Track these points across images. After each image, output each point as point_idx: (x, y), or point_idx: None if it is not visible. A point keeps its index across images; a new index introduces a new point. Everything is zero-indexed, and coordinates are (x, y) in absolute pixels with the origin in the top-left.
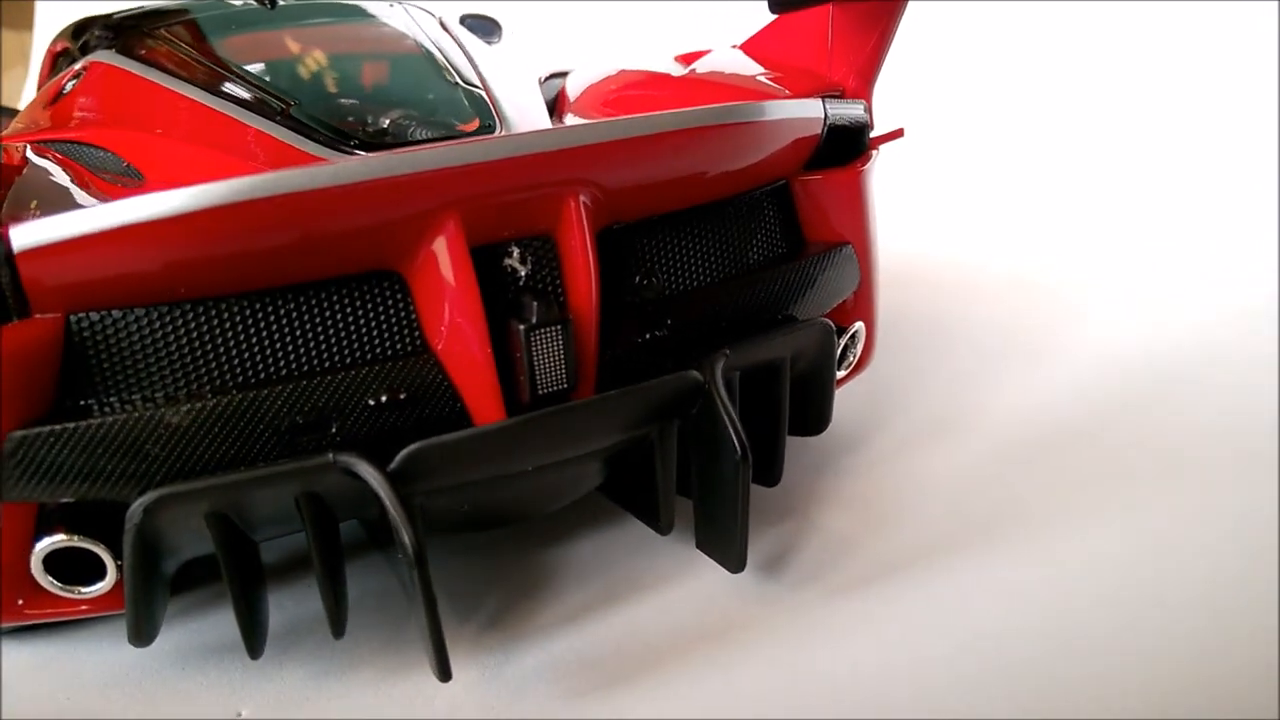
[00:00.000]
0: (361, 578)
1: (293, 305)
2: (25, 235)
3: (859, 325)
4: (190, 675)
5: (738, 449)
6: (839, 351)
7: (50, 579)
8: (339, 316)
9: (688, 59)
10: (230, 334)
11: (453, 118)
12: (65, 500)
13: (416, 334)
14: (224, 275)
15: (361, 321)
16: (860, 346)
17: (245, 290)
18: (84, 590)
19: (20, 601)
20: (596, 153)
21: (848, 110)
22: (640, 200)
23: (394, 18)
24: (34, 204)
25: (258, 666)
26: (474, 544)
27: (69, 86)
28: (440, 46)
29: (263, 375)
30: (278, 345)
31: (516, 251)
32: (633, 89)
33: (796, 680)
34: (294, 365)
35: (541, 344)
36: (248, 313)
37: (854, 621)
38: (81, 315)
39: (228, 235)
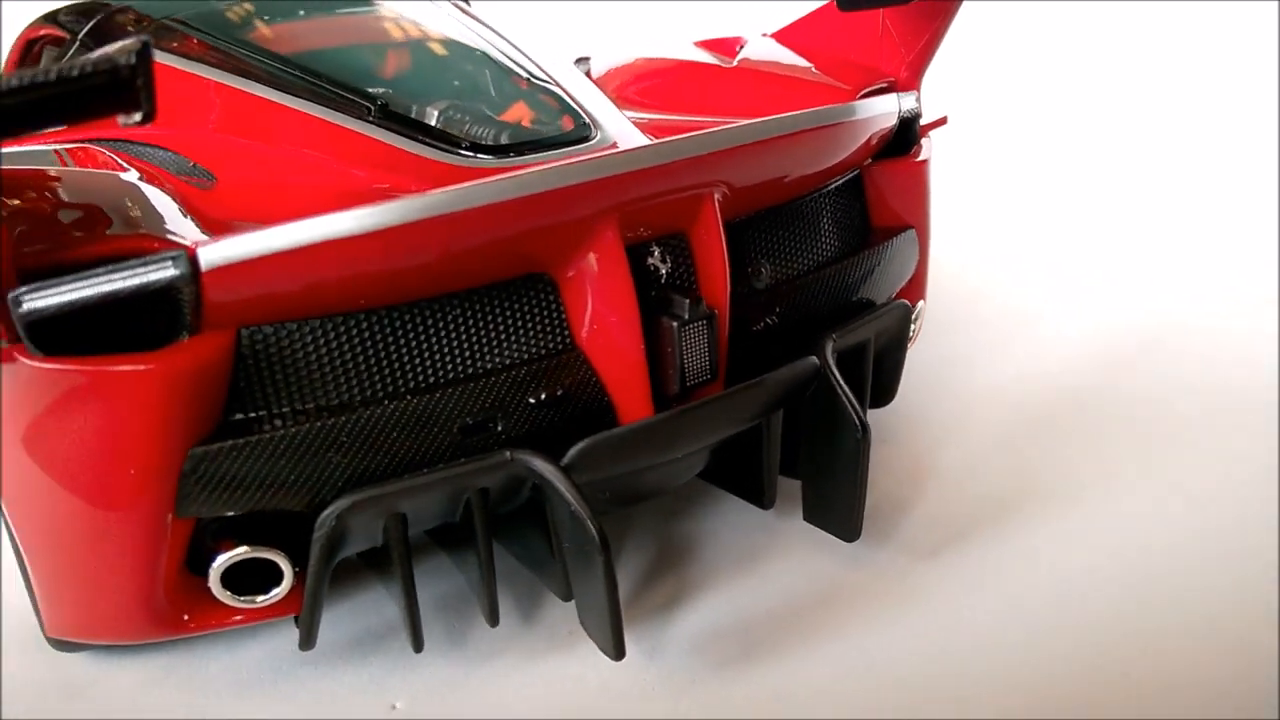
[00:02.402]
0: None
1: (457, 311)
2: (213, 253)
3: (921, 304)
4: (327, 673)
5: (859, 425)
6: None
7: (226, 591)
8: (498, 319)
9: (714, 48)
10: (400, 341)
11: (545, 117)
12: (233, 513)
13: (566, 333)
14: (396, 286)
15: (519, 323)
16: (920, 324)
17: (412, 299)
18: (260, 599)
19: (186, 617)
20: (734, 154)
21: (910, 103)
22: (755, 196)
23: (420, 8)
24: (130, 205)
25: (402, 658)
26: None
27: None
28: (487, 38)
29: (433, 379)
30: (445, 350)
31: (658, 251)
32: (689, 80)
33: (921, 639)
34: (461, 368)
35: (690, 338)
36: (415, 320)
37: (949, 582)
38: (254, 329)
39: (409, 249)
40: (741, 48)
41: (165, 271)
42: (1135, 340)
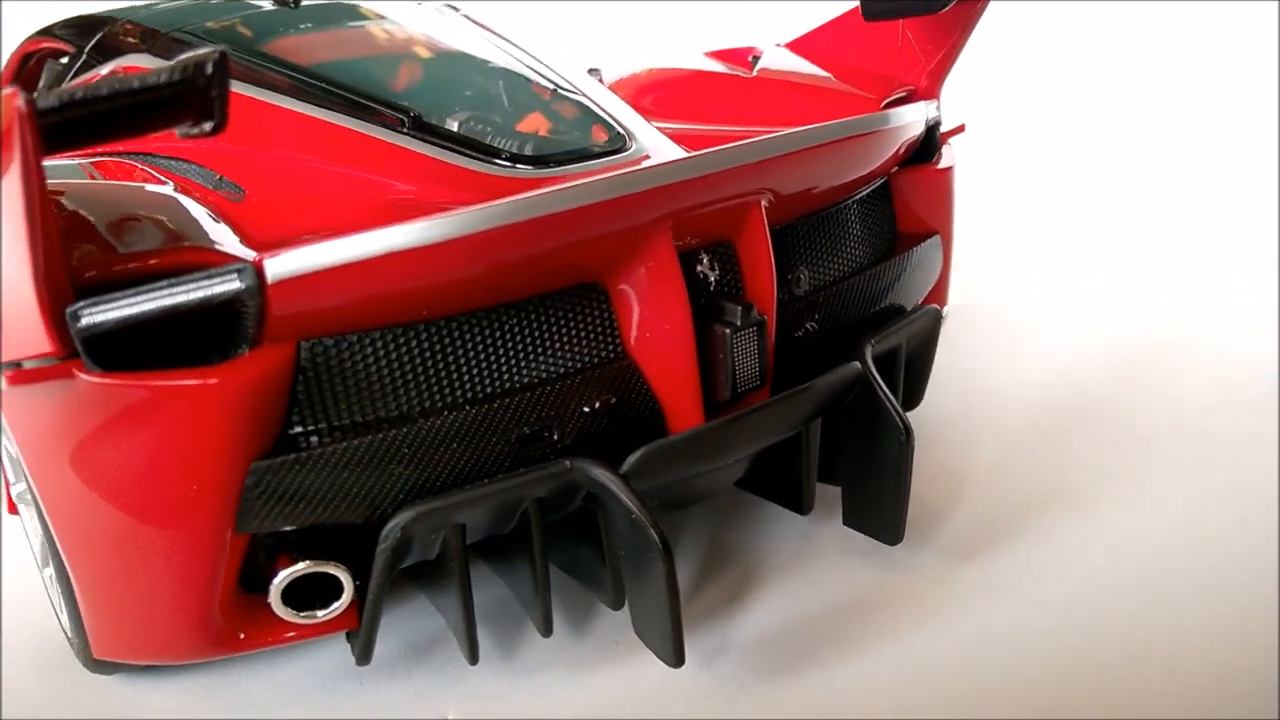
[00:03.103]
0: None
1: (512, 320)
2: (280, 265)
3: (947, 309)
4: (373, 687)
5: (902, 429)
6: None
7: (286, 607)
8: (552, 328)
9: (726, 58)
10: (457, 351)
11: (578, 128)
12: (291, 528)
13: (618, 341)
14: (454, 296)
15: (573, 332)
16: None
17: (470, 309)
18: (321, 614)
19: (242, 635)
20: (782, 162)
21: (933, 111)
22: (796, 203)
23: (433, 17)
24: (174, 218)
25: (447, 670)
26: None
27: None
28: (505, 48)
29: (490, 389)
30: (501, 359)
31: (706, 258)
32: (711, 90)
33: (963, 641)
34: (517, 378)
35: (742, 345)
36: (472, 330)
37: (987, 584)
38: (314, 341)
39: (471, 260)
40: (756, 58)
41: (230, 284)
42: (1144, 344)
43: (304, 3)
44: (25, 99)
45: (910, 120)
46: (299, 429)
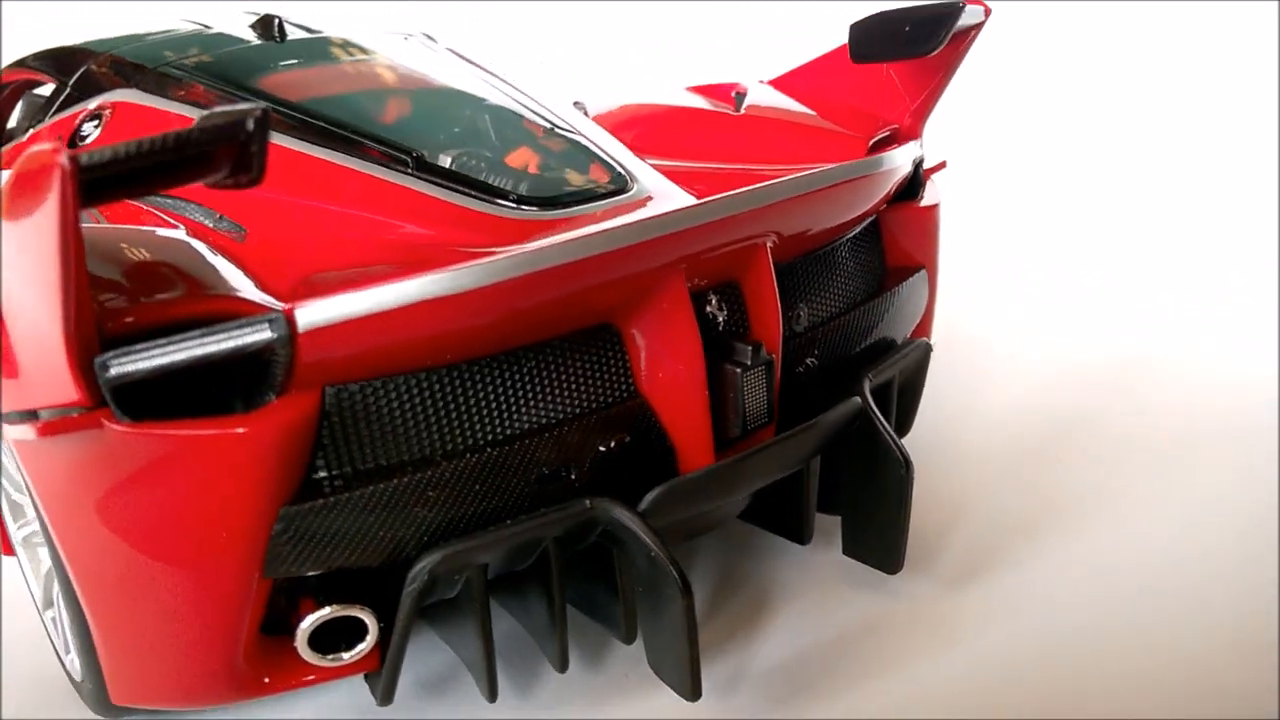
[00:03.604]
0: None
1: (531, 363)
2: (311, 315)
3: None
4: None
5: (902, 461)
6: None
7: (312, 651)
8: (569, 370)
9: (709, 93)
10: (478, 394)
11: (579, 168)
12: (316, 572)
13: (629, 380)
14: (477, 341)
15: (587, 373)
16: None
17: (490, 352)
18: (347, 656)
19: (267, 679)
20: (790, 205)
21: (918, 151)
22: (796, 243)
23: (421, 53)
24: (191, 263)
25: (461, 706)
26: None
27: (89, 130)
28: (497, 85)
29: (510, 431)
30: (521, 401)
31: (714, 299)
32: (699, 127)
33: (969, 666)
34: (536, 419)
35: (752, 383)
36: (492, 373)
37: (985, 607)
38: (339, 387)
39: (497, 305)
40: (740, 94)
41: (262, 334)
42: (1125, 363)
43: (290, 38)
44: (69, 156)
45: (903, 161)
46: (323, 474)
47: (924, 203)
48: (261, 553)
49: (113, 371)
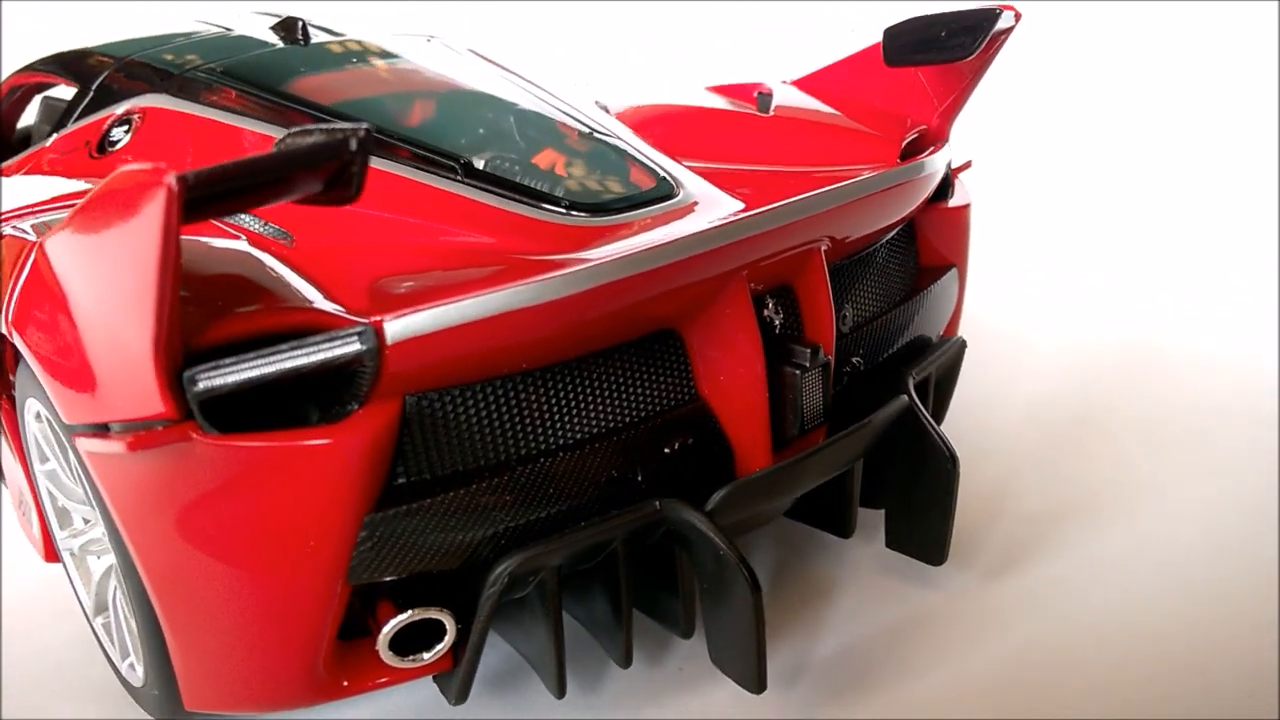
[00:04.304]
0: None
1: (600, 368)
2: (399, 327)
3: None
4: None
5: (948, 456)
6: None
7: (392, 653)
8: (636, 375)
9: (731, 93)
10: (550, 400)
11: (622, 173)
12: (396, 577)
13: (691, 384)
14: (551, 349)
15: (653, 377)
16: None
17: (561, 359)
18: (426, 656)
19: (346, 683)
20: (845, 209)
21: (950, 153)
22: (844, 247)
23: (447, 55)
24: (260, 273)
25: (523, 704)
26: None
27: (119, 135)
28: (527, 88)
29: (581, 435)
30: (591, 406)
31: (771, 303)
32: (730, 129)
33: (1011, 655)
34: (605, 423)
35: (809, 385)
36: (564, 379)
37: (1021, 596)
38: (419, 396)
39: (575, 314)
40: (763, 95)
41: (351, 346)
42: (1143, 355)
43: (314, 41)
44: (176, 177)
45: (943, 164)
46: (404, 480)
47: (955, 203)
48: (347, 560)
49: (201, 385)
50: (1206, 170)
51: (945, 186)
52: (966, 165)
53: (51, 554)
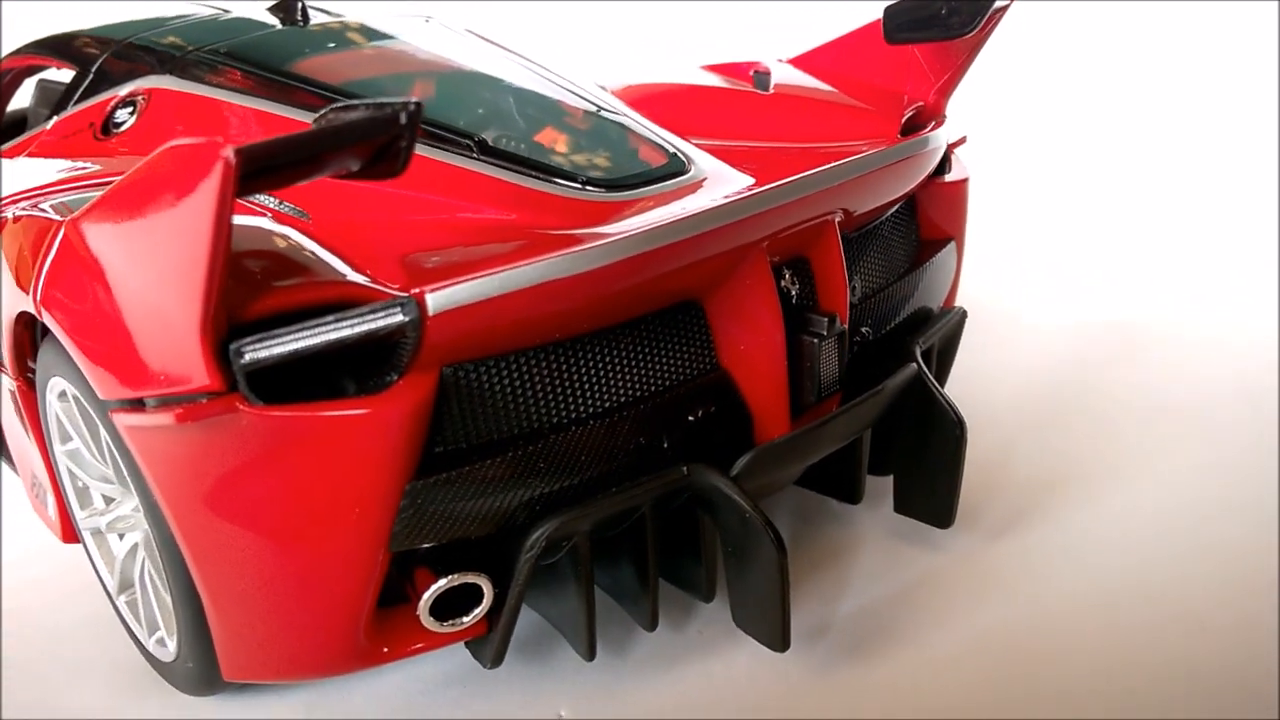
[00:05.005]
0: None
1: (627, 339)
2: (441, 299)
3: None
4: (477, 691)
5: (956, 421)
6: None
7: (432, 618)
8: (660, 344)
9: (728, 72)
10: (581, 370)
11: (634, 150)
12: (434, 543)
13: (712, 353)
14: (580, 319)
15: (677, 347)
16: None
17: (590, 330)
18: (465, 620)
19: (386, 649)
20: (860, 182)
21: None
22: (855, 220)
23: (447, 35)
24: (290, 248)
25: (547, 669)
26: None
27: (124, 116)
28: (529, 67)
29: (610, 404)
30: (619, 375)
31: (788, 273)
32: (733, 107)
33: (1017, 615)
34: (633, 391)
35: (827, 353)
36: (593, 349)
37: (1024, 559)
38: (456, 366)
39: (606, 285)
40: (760, 74)
41: (394, 318)
42: (1132, 332)
43: (314, 21)
44: (233, 150)
45: (945, 139)
46: (440, 449)
47: (953, 177)
48: (389, 527)
49: (247, 357)
50: (1201, 153)
51: (943, 162)
52: (961, 141)
53: (69, 535)
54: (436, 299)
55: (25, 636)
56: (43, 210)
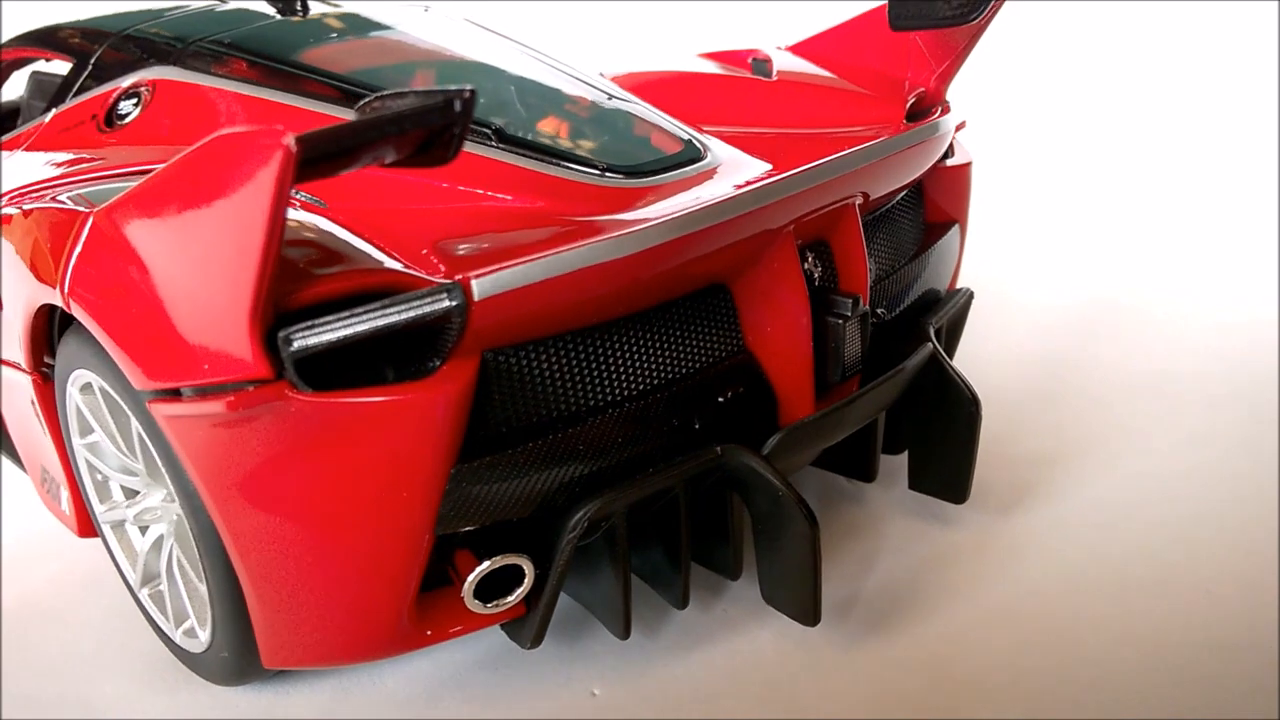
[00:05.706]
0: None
1: (660, 322)
2: (485, 285)
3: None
4: (507, 673)
5: (971, 398)
6: None
7: (476, 600)
8: (690, 327)
9: (724, 60)
10: (616, 353)
11: (648, 137)
12: (478, 526)
13: (739, 335)
14: (616, 303)
15: (707, 330)
16: None
17: (624, 314)
18: (508, 600)
19: (429, 631)
20: (879, 166)
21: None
22: (869, 204)
23: (449, 24)
24: (324, 237)
25: (574, 649)
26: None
27: (128, 108)
28: (534, 56)
29: (644, 386)
30: (653, 357)
31: (811, 256)
32: (737, 95)
33: (1031, 585)
34: (666, 374)
35: (851, 334)
36: (627, 333)
37: (1035, 533)
38: (497, 350)
39: (644, 270)
40: (758, 61)
41: (440, 304)
42: (1128, 312)
43: (312, 13)
44: (294, 139)
45: (954, 125)
46: (483, 433)
47: (956, 162)
48: (435, 510)
49: (296, 345)
50: (1198, 135)
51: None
52: (961, 125)
53: (85, 529)
54: (482, 285)
55: (44, 630)
56: (61, 202)
